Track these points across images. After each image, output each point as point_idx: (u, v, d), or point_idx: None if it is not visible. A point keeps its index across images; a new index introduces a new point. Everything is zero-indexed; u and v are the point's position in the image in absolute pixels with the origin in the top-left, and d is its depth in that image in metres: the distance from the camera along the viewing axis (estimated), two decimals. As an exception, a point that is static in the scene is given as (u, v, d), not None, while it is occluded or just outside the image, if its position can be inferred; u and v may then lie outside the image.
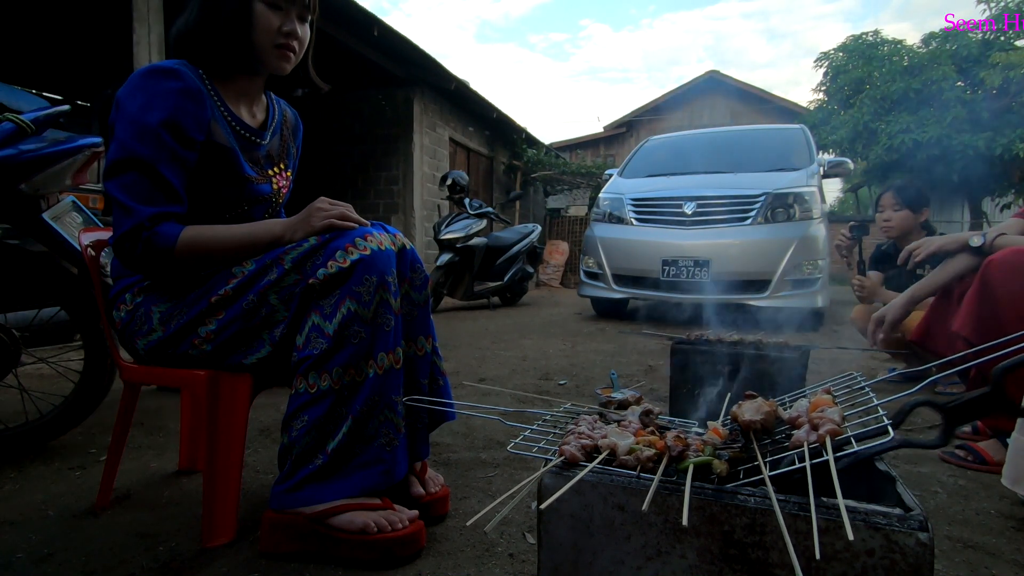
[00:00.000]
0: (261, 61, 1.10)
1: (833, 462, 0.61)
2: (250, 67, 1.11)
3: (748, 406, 0.79)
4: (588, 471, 0.72)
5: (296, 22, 1.09)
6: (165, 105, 0.99)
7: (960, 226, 12.24)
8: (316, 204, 1.06)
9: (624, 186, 5.00)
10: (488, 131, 10.06)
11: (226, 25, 1.05)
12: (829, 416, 0.69)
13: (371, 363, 1.02)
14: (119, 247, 1.00)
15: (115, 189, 0.99)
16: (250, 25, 1.05)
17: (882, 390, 2.42)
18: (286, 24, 1.07)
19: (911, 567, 0.59)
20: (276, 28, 1.07)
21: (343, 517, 0.98)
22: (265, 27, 1.06)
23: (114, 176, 0.99)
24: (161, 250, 0.99)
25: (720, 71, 16.62)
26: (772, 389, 1.62)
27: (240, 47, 1.07)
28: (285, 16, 1.08)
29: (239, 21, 1.05)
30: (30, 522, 1.14)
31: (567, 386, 2.38)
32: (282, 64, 1.11)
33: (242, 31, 1.06)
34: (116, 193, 0.99)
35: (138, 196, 0.98)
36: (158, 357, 1.07)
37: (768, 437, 0.77)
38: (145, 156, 0.98)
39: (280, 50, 1.09)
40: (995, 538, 1.12)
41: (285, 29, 1.07)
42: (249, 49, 1.08)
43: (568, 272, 10.61)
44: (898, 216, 2.51)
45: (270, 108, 1.23)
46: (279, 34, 1.07)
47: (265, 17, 1.06)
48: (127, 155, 0.98)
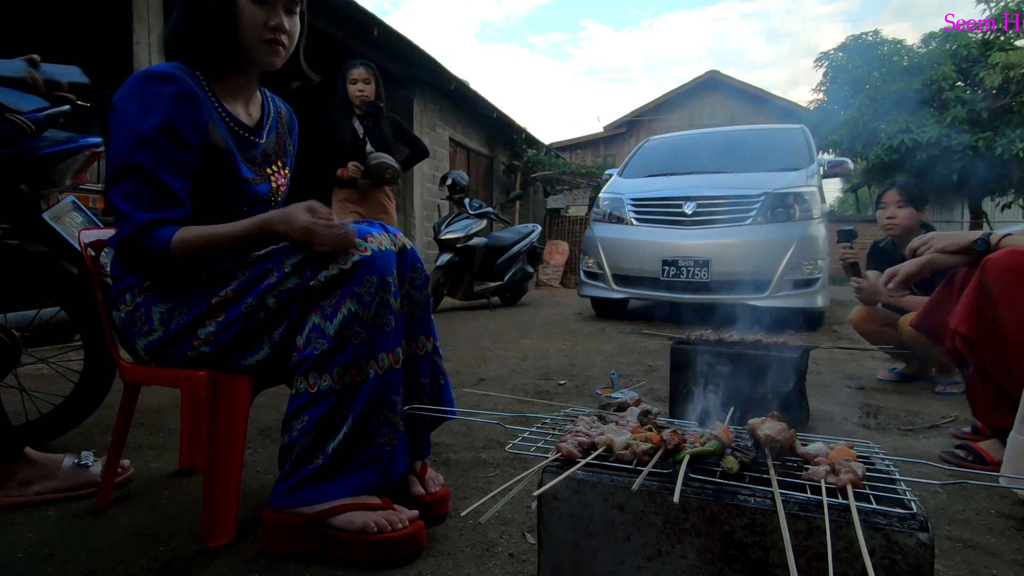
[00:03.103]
0: (250, 58, 1.09)
1: (855, 509, 0.60)
2: (240, 64, 1.10)
3: (769, 424, 0.79)
4: (583, 464, 0.73)
5: (283, 15, 1.08)
6: (162, 110, 0.99)
7: (960, 226, 12.25)
8: (315, 229, 0.98)
9: (624, 186, 5.00)
10: (488, 131, 10.05)
11: (210, 23, 1.04)
12: (853, 467, 0.68)
13: (372, 363, 1.02)
14: (120, 253, 1.01)
15: (116, 196, 0.99)
16: (234, 22, 1.04)
17: (882, 390, 2.42)
18: (272, 18, 1.06)
19: (911, 567, 0.59)
20: (262, 23, 1.05)
21: (343, 517, 0.98)
22: (250, 22, 1.05)
23: (115, 184, 0.99)
24: (157, 253, 0.98)
25: (720, 71, 16.62)
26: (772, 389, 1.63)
27: (227, 45, 1.06)
28: (270, 10, 1.06)
29: (222, 18, 1.04)
30: (30, 522, 1.14)
31: (567, 386, 2.38)
32: (271, 59, 1.10)
33: (227, 28, 1.04)
34: (116, 200, 0.99)
35: (137, 203, 0.98)
36: (158, 357, 1.07)
37: (779, 460, 0.77)
38: (144, 163, 0.98)
39: (268, 45, 1.07)
40: (995, 538, 1.12)
41: (271, 23, 1.06)
42: (236, 46, 1.07)
43: (568, 272, 10.61)
44: (902, 213, 2.49)
45: (265, 105, 1.23)
46: (265, 29, 1.06)
47: (250, 12, 1.05)
48: (126, 162, 0.98)
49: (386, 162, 3.30)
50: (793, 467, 0.76)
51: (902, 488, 0.68)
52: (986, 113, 9.19)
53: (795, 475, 0.72)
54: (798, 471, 0.74)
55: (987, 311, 1.40)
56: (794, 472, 0.74)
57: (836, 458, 0.71)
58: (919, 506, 0.63)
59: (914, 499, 0.65)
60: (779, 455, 0.77)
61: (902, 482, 0.70)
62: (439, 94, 8.06)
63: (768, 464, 0.72)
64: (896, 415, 2.02)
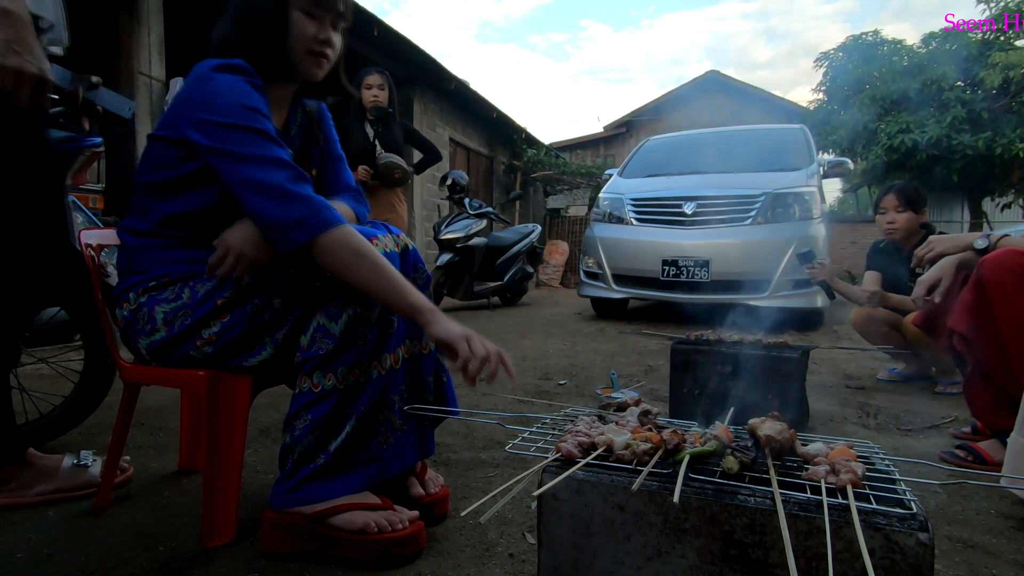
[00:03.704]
0: (295, 68, 1.10)
1: (855, 509, 0.60)
2: (285, 74, 1.11)
3: (769, 424, 0.79)
4: (583, 464, 0.73)
5: (330, 30, 1.10)
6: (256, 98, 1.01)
7: (960, 226, 12.24)
8: (474, 349, 0.93)
9: (624, 186, 4.99)
10: (488, 131, 10.06)
11: (264, 32, 1.05)
12: (853, 467, 0.68)
13: (375, 364, 1.03)
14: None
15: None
16: (286, 32, 1.06)
17: (882, 390, 2.42)
18: (321, 32, 1.08)
19: (911, 567, 0.59)
20: (312, 35, 1.07)
21: (343, 517, 0.98)
22: (301, 34, 1.06)
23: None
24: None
25: (720, 71, 16.60)
26: (772, 389, 1.63)
27: (276, 54, 1.07)
28: (320, 24, 1.08)
29: (277, 28, 1.05)
30: (30, 522, 1.14)
31: (567, 386, 2.38)
32: (315, 71, 1.11)
33: (278, 38, 1.06)
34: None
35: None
36: (160, 357, 1.07)
37: (779, 460, 0.77)
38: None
39: (314, 57, 1.09)
40: (995, 538, 1.12)
41: (320, 37, 1.08)
42: (285, 56, 1.08)
43: (568, 272, 10.61)
44: (902, 217, 2.51)
45: (291, 113, 1.23)
46: (314, 41, 1.07)
47: (301, 24, 1.06)
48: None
49: (394, 162, 3.37)
50: (793, 467, 0.76)
51: (902, 488, 0.68)
52: (986, 113, 9.19)
53: (795, 475, 0.72)
54: (798, 471, 0.74)
55: (984, 310, 1.41)
56: (794, 472, 0.74)
57: (836, 458, 0.71)
58: (919, 506, 0.63)
59: (914, 499, 0.65)
60: (779, 455, 0.76)
61: (902, 482, 0.70)
62: (439, 94, 8.06)
63: (768, 464, 0.72)
64: (896, 415, 2.02)
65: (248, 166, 0.95)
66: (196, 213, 1.05)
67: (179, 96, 1.02)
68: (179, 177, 1.03)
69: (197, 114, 0.98)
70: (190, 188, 1.04)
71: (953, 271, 1.60)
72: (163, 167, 1.04)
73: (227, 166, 0.96)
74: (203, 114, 0.97)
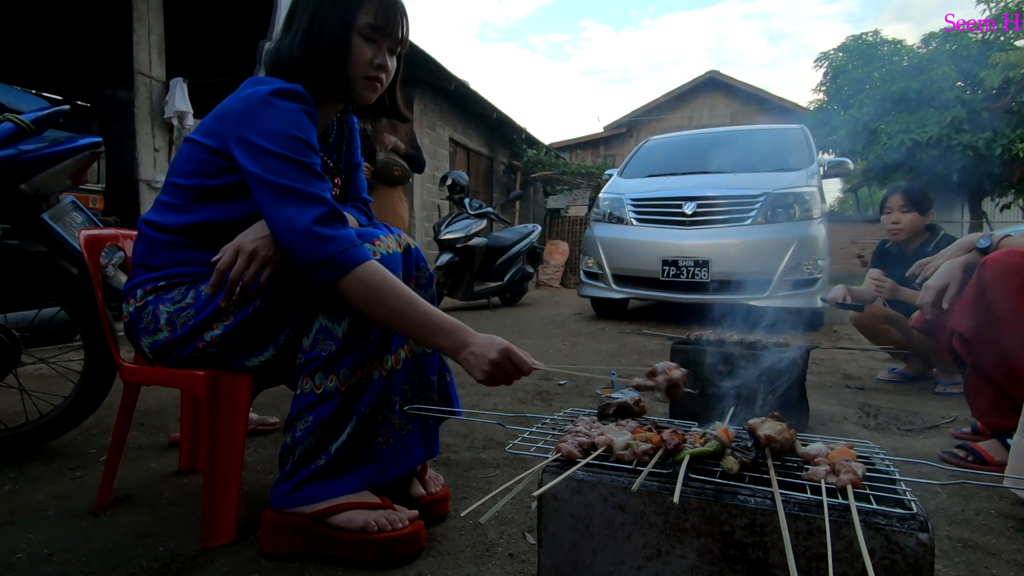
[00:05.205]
0: (351, 90, 1.11)
1: (855, 509, 0.60)
2: (339, 95, 1.13)
3: (769, 424, 0.79)
4: (583, 464, 0.73)
5: (386, 55, 1.11)
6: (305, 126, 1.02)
7: (960, 226, 12.24)
8: (501, 363, 0.96)
9: (624, 186, 5.00)
10: (488, 131, 10.06)
11: (328, 55, 1.06)
12: (853, 467, 0.68)
13: (377, 365, 1.03)
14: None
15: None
16: (347, 56, 1.07)
17: (882, 390, 2.42)
18: (378, 57, 1.09)
19: (911, 567, 0.59)
20: (368, 60, 1.08)
21: (343, 516, 0.98)
22: (359, 58, 1.07)
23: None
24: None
25: (720, 71, 16.63)
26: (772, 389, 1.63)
27: (336, 76, 1.08)
28: (378, 49, 1.09)
29: (339, 52, 1.06)
30: (30, 522, 1.14)
31: (567, 386, 2.38)
32: (368, 95, 1.12)
33: (340, 62, 1.07)
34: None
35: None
36: (162, 357, 1.07)
37: (779, 461, 0.77)
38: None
39: (369, 81, 1.10)
40: (995, 538, 1.12)
41: (376, 62, 1.09)
42: (343, 79, 1.09)
43: (568, 272, 10.61)
44: (907, 218, 2.51)
45: (329, 126, 1.23)
46: (371, 66, 1.09)
47: (360, 49, 1.07)
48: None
49: (392, 160, 3.37)
50: (793, 467, 0.76)
51: (902, 488, 0.68)
52: (986, 113, 9.19)
53: (795, 475, 0.72)
54: (798, 471, 0.74)
55: (985, 311, 1.41)
56: (794, 472, 0.74)
57: (836, 458, 0.71)
58: (919, 506, 0.63)
59: (914, 499, 0.65)
60: (779, 455, 0.76)
61: (902, 482, 0.70)
62: (439, 94, 8.06)
63: (768, 464, 0.72)
64: (896, 415, 2.02)
65: (285, 201, 0.96)
66: (227, 223, 1.05)
67: (229, 107, 1.02)
68: (216, 187, 1.04)
69: (248, 135, 0.98)
70: (225, 198, 1.04)
71: (960, 275, 1.58)
72: (202, 174, 1.04)
73: (266, 195, 0.96)
74: (254, 137, 0.97)
